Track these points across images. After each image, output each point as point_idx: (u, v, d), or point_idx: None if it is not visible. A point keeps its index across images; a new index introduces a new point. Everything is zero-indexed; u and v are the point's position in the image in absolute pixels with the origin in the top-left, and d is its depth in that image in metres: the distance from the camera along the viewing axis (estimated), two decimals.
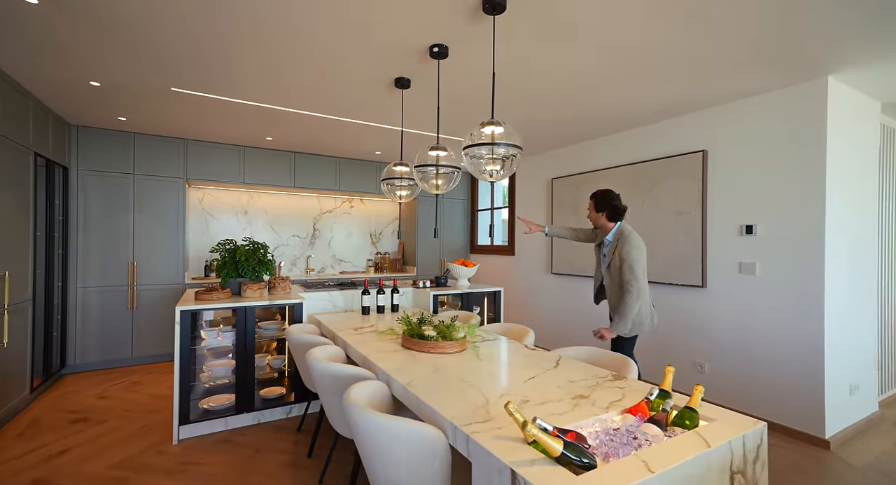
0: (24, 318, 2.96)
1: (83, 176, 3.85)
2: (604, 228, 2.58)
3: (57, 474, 2.17)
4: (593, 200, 2.59)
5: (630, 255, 2.35)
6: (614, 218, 2.52)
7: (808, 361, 2.61)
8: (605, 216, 2.53)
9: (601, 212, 2.54)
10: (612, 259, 2.48)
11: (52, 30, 2.13)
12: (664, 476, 0.96)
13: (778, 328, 2.76)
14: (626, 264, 2.35)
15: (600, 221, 2.57)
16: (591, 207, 2.60)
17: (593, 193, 2.61)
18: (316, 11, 1.94)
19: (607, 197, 2.53)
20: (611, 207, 2.50)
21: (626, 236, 2.41)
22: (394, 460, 1.24)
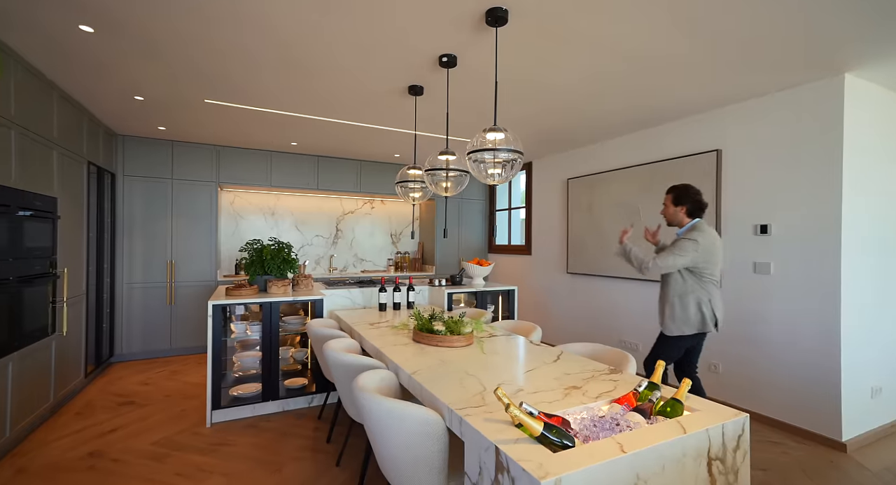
0: (79, 310, 3.28)
1: (128, 181, 4.20)
2: (679, 223, 2.40)
3: (109, 448, 2.43)
4: (672, 193, 2.41)
5: (681, 245, 2.23)
6: (695, 214, 2.36)
7: (823, 363, 2.57)
8: (684, 211, 2.36)
9: (681, 206, 2.37)
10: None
11: (104, 54, 2.39)
12: (636, 456, 1.05)
13: (793, 329, 2.72)
14: (667, 249, 2.27)
15: (678, 216, 2.39)
16: (668, 201, 2.43)
17: (672, 187, 2.43)
18: (337, 31, 2.10)
19: (690, 191, 2.36)
20: (693, 202, 2.34)
21: (695, 232, 2.26)
22: (395, 440, 1.37)
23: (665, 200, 2.46)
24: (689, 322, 2.28)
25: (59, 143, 2.92)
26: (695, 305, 2.28)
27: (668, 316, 2.35)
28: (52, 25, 2.09)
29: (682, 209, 2.38)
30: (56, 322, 2.86)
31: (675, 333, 2.31)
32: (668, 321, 2.34)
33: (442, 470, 1.36)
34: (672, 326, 2.32)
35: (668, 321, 2.34)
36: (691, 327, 2.28)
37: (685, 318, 2.29)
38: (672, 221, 2.45)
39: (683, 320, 2.29)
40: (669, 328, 2.33)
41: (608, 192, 4.13)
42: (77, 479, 2.13)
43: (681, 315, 2.30)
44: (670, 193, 2.43)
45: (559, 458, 1.01)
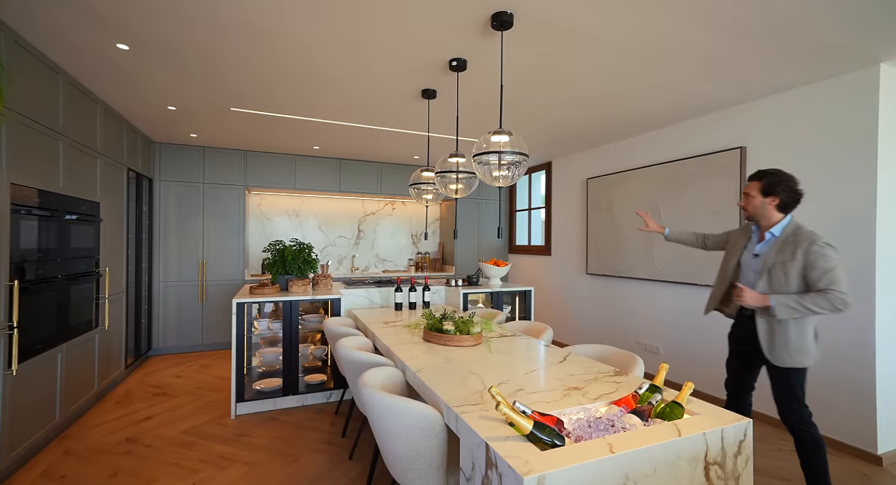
0: (120, 306, 3.54)
1: (164, 186, 4.47)
2: (767, 219, 1.92)
3: (143, 435, 2.62)
4: (762, 180, 1.90)
5: (828, 258, 1.74)
6: (787, 208, 1.89)
7: (857, 371, 2.43)
8: (776, 204, 1.88)
9: (773, 197, 1.88)
10: (784, 262, 1.83)
11: (139, 68, 2.57)
12: (625, 457, 1.05)
13: (824, 334, 2.59)
14: (820, 272, 1.74)
15: (766, 209, 1.91)
16: (754, 189, 1.93)
17: (761, 172, 1.93)
18: (351, 41, 2.19)
19: (785, 178, 1.87)
20: (791, 192, 1.87)
21: (814, 235, 1.79)
22: (396, 434, 1.42)
23: (748, 188, 1.96)
24: (807, 352, 1.83)
25: (101, 151, 3.15)
26: (812, 330, 1.85)
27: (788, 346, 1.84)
28: (93, 45, 2.27)
29: (773, 201, 1.88)
30: (99, 317, 3.10)
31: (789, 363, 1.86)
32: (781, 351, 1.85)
33: (441, 465, 1.40)
34: (787, 358, 1.84)
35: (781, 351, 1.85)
36: (809, 358, 1.83)
37: (802, 347, 1.83)
38: (756, 217, 1.96)
39: (800, 350, 1.83)
40: (783, 359, 1.85)
41: (628, 191, 4.05)
42: (115, 462, 2.30)
43: (797, 344, 1.83)
44: (759, 180, 1.92)
45: (546, 456, 1.03)
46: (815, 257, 1.77)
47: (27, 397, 2.23)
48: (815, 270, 1.76)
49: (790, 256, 1.83)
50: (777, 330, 1.87)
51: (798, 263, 1.81)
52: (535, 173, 5.78)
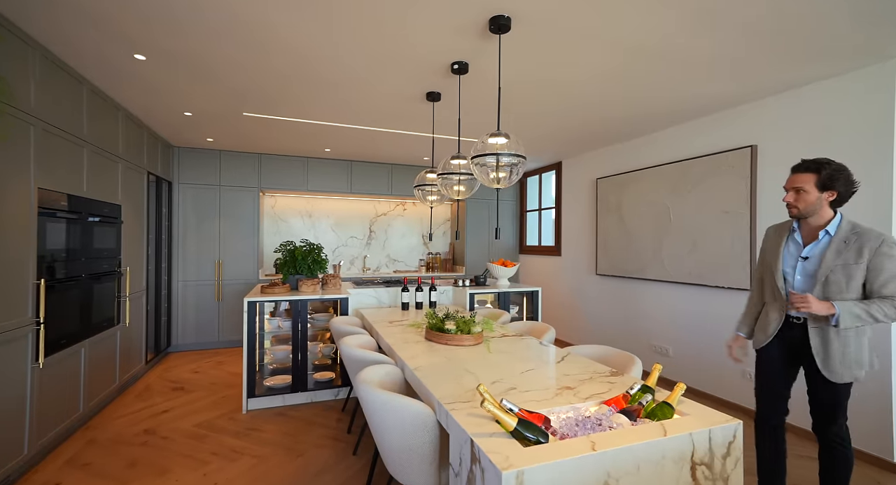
0: (140, 304, 3.70)
1: (182, 188, 4.65)
2: (819, 217, 1.70)
3: (160, 427, 2.74)
4: (819, 172, 1.65)
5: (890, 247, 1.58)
6: (842, 203, 1.70)
7: (873, 376, 2.35)
8: (830, 200, 1.67)
9: (831, 191, 1.66)
10: (846, 265, 1.63)
11: (156, 77, 2.70)
12: (605, 455, 1.07)
13: None
14: (888, 276, 1.58)
15: (821, 206, 1.68)
16: (808, 183, 1.67)
17: (813, 163, 1.67)
18: (355, 48, 2.25)
19: (844, 169, 1.65)
20: (847, 185, 1.65)
21: (881, 233, 1.61)
22: (391, 430, 1.46)
23: (799, 181, 1.69)
24: (864, 364, 1.67)
25: (123, 156, 3.31)
26: (868, 339, 1.68)
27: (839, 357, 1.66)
28: (112, 55, 2.40)
29: (831, 196, 1.66)
30: (120, 314, 3.25)
31: (847, 378, 1.67)
32: (837, 364, 1.66)
33: (433, 461, 1.44)
34: (844, 372, 1.66)
35: (837, 364, 1.66)
36: (865, 370, 1.67)
37: (859, 359, 1.66)
38: (807, 214, 1.71)
39: (857, 362, 1.66)
40: (839, 373, 1.66)
41: (637, 191, 4.00)
42: (133, 452, 2.42)
43: (855, 355, 1.65)
44: (815, 172, 1.65)
45: (528, 452, 1.06)
46: (883, 259, 1.58)
47: (53, 389, 2.37)
48: (882, 273, 1.58)
49: (854, 259, 1.61)
50: (834, 341, 1.66)
51: (863, 265, 1.61)
52: (546, 173, 5.76)
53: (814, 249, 1.72)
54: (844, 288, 1.63)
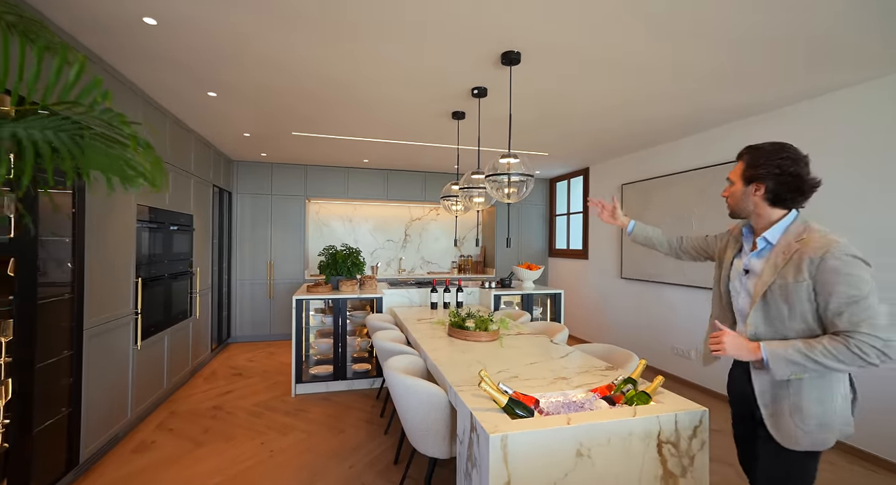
0: (207, 300, 4.27)
1: (240, 198, 5.24)
2: (759, 218, 1.33)
3: (225, 404, 3.23)
4: (744, 159, 1.33)
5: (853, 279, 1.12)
6: (784, 201, 1.28)
7: (891, 381, 2.38)
8: (762, 195, 1.29)
9: (755, 184, 1.29)
10: (785, 284, 1.21)
11: (223, 108, 3.19)
12: (579, 428, 1.31)
13: None
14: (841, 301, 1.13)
15: (748, 202, 1.32)
16: (735, 172, 1.35)
17: (745, 147, 1.34)
18: (388, 76, 2.59)
19: (777, 154, 1.25)
20: (781, 176, 1.24)
21: (831, 241, 1.16)
22: (411, 408, 1.77)
23: (733, 171, 1.37)
24: (832, 426, 1.20)
25: (194, 172, 3.87)
26: (843, 388, 1.23)
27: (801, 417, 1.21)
28: (190, 93, 2.89)
29: (757, 190, 1.29)
30: (192, 309, 3.81)
31: (805, 445, 1.21)
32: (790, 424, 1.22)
33: (446, 434, 1.74)
34: (800, 435, 1.21)
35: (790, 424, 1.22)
36: (834, 434, 1.21)
37: (825, 419, 1.20)
38: (739, 213, 1.38)
39: (821, 424, 1.20)
40: (794, 436, 1.22)
41: (662, 197, 4.08)
42: (205, 422, 2.91)
43: (817, 413, 1.20)
44: (740, 159, 1.35)
45: (513, 423, 1.32)
46: (831, 277, 1.14)
47: (146, 367, 2.90)
48: (832, 298, 1.14)
49: (793, 276, 1.19)
50: (785, 389, 1.24)
51: (805, 286, 1.18)
52: (574, 179, 5.88)
53: (754, 260, 1.34)
54: (787, 316, 1.22)
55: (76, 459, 2.15)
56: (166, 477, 2.23)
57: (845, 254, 1.14)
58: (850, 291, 1.12)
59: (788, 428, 1.23)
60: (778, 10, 1.81)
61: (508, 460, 1.25)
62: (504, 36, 2.05)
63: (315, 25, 1.98)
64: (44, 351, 1.94)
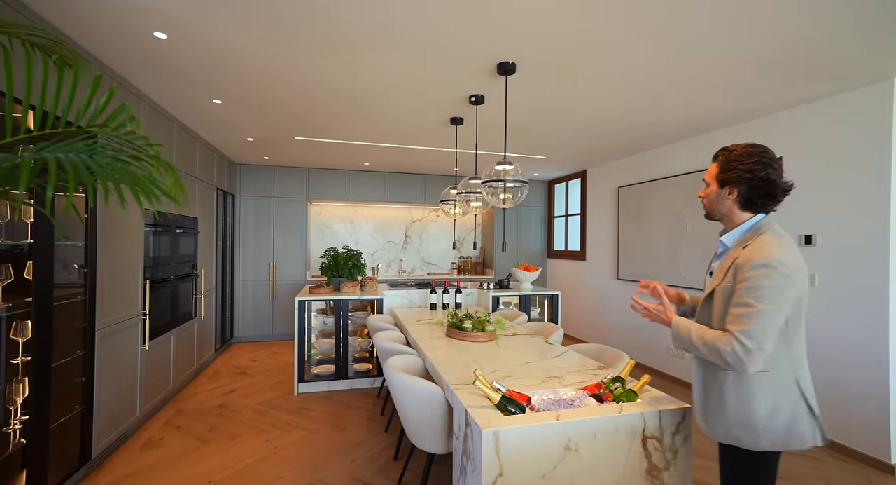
0: (211, 301, 4.36)
1: (243, 200, 5.33)
2: (729, 221, 1.36)
3: (229, 403, 3.32)
4: (718, 161, 1.35)
5: (755, 289, 1.17)
6: (755, 205, 1.30)
7: (871, 379, 2.46)
8: (734, 199, 1.31)
9: (728, 188, 1.31)
10: (724, 287, 1.27)
11: (228, 115, 3.27)
12: (567, 424, 1.39)
13: (839, 343, 2.62)
14: (736, 303, 1.21)
15: (722, 205, 1.35)
16: (710, 174, 1.37)
17: (721, 150, 1.35)
18: (394, 89, 2.68)
19: (749, 158, 1.26)
20: (752, 181, 1.26)
21: (762, 249, 1.20)
22: (410, 406, 1.85)
23: (708, 172, 1.38)
24: (754, 428, 1.21)
25: (199, 176, 3.96)
26: (768, 395, 1.21)
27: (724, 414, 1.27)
28: (195, 99, 2.98)
29: (731, 194, 1.31)
30: (197, 309, 3.89)
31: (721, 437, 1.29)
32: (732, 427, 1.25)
33: (443, 430, 1.82)
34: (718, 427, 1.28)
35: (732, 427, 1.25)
36: (767, 440, 1.21)
37: (745, 417, 1.23)
38: (713, 215, 1.40)
39: (741, 421, 1.23)
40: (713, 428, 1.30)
41: (656, 200, 4.16)
42: (211, 420, 2.99)
43: (736, 409, 1.24)
44: (716, 161, 1.36)
45: (505, 419, 1.40)
46: (741, 284, 1.21)
47: (153, 366, 2.98)
48: (733, 299, 1.22)
49: (729, 281, 1.25)
50: (713, 380, 1.30)
51: (730, 282, 1.25)
52: (572, 181, 5.96)
53: (716, 262, 1.39)
54: (721, 317, 1.27)
55: (88, 454, 2.24)
56: (174, 473, 2.31)
57: (764, 265, 1.18)
58: (747, 299, 1.19)
59: (714, 422, 1.30)
60: (762, 33, 1.89)
61: (501, 452, 1.33)
62: (499, 48, 2.13)
63: (312, 39, 2.06)
64: (59, 351, 2.03)
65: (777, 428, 1.21)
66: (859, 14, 1.78)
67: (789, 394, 1.22)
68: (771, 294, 1.16)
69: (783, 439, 1.21)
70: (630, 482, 1.45)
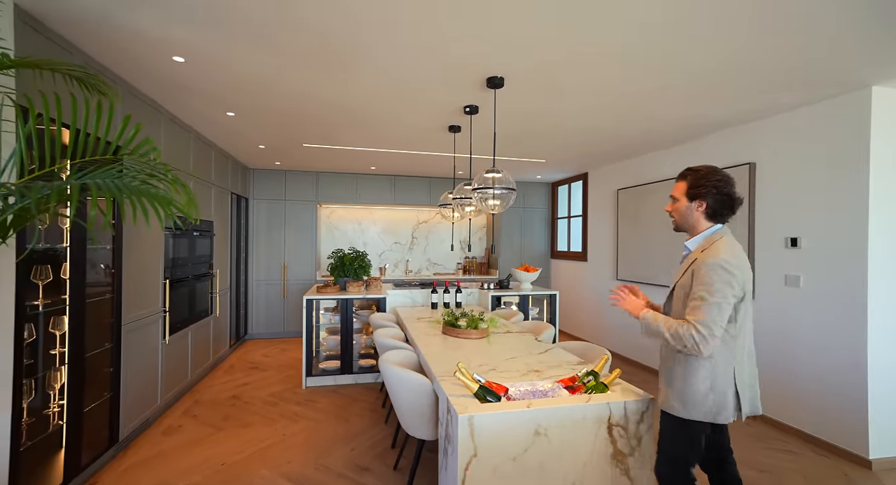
0: (226, 299, 4.61)
1: (256, 203, 5.59)
2: (695, 230, 1.57)
3: (243, 394, 3.55)
4: (687, 180, 1.56)
5: (708, 284, 1.40)
6: (718, 216, 1.53)
7: (850, 377, 2.54)
8: (703, 209, 1.53)
9: (698, 201, 1.53)
10: (681, 278, 1.54)
11: (241, 125, 3.50)
12: (537, 411, 1.54)
13: (822, 342, 2.70)
14: (693, 297, 1.44)
15: (691, 217, 1.56)
16: (679, 190, 1.58)
17: (686, 170, 1.58)
18: (397, 100, 2.86)
19: (714, 177, 1.50)
20: (718, 196, 1.49)
21: (716, 253, 1.43)
22: (402, 396, 2.02)
23: (675, 188, 1.60)
24: (697, 405, 1.47)
25: (214, 182, 4.20)
26: (705, 377, 1.46)
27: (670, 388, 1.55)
28: (210, 113, 3.21)
29: (699, 206, 1.53)
30: (213, 307, 4.14)
31: (680, 414, 1.51)
32: (671, 398, 1.53)
33: (431, 418, 1.98)
34: (675, 405, 1.52)
35: (671, 398, 1.53)
36: (700, 412, 1.47)
37: (684, 391, 1.49)
38: (683, 227, 1.61)
39: (680, 393, 1.50)
40: (672, 406, 1.53)
41: (653, 202, 4.25)
42: (225, 410, 3.22)
43: (680, 385, 1.51)
44: (683, 179, 1.58)
45: (482, 406, 1.56)
46: (696, 280, 1.45)
47: (173, 360, 3.23)
48: (691, 293, 1.46)
49: (688, 280, 1.50)
50: (669, 362, 1.57)
51: (688, 280, 1.50)
52: (574, 183, 6.06)
53: (681, 264, 1.61)
54: (680, 312, 1.52)
55: (116, 437, 2.48)
56: (192, 456, 2.53)
57: (715, 265, 1.42)
58: (701, 292, 1.43)
59: (662, 389, 1.59)
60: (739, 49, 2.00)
61: (475, 436, 1.49)
62: (488, 64, 2.29)
63: (315, 60, 2.25)
64: (90, 343, 2.27)
65: (708, 404, 1.47)
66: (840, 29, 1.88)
67: (724, 379, 1.47)
68: (720, 289, 1.41)
69: (711, 413, 1.47)
70: (596, 466, 1.59)
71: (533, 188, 6.56)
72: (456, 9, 1.77)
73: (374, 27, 1.93)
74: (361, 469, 2.40)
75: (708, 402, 1.47)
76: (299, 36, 2.01)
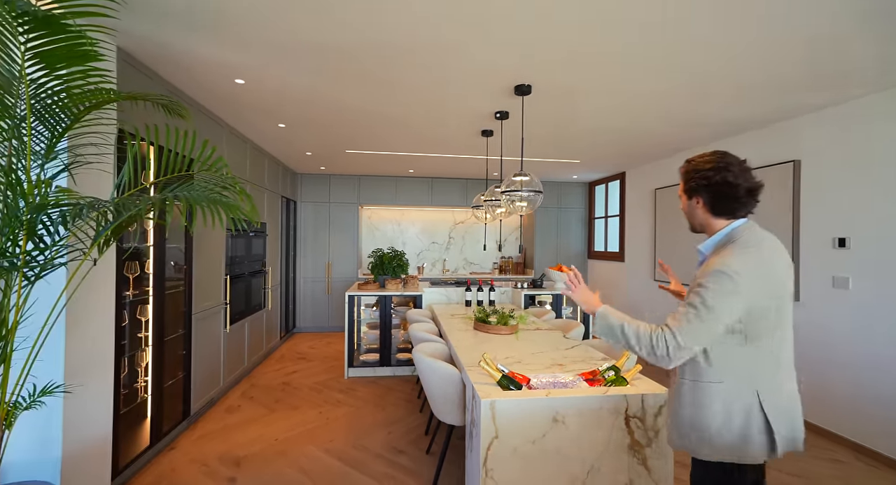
0: (277, 295, 5.03)
1: (304, 206, 6.01)
2: (709, 228, 1.33)
3: (292, 381, 3.89)
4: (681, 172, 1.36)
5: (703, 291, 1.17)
6: (724, 210, 1.27)
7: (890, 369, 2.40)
8: (703, 206, 1.30)
9: (696, 197, 1.31)
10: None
11: (291, 135, 3.85)
12: (555, 400, 1.65)
13: (873, 348, 2.56)
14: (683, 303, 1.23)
15: (696, 216, 1.34)
16: (680, 188, 1.39)
17: (685, 162, 1.36)
18: (418, 108, 3.05)
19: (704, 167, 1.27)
20: (713, 188, 1.25)
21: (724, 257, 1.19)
22: (433, 384, 2.19)
23: (679, 187, 1.40)
24: (709, 438, 1.19)
25: (267, 186, 4.61)
26: (724, 401, 1.18)
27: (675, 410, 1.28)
28: (264, 125, 3.56)
29: (699, 203, 1.31)
30: (265, 301, 4.54)
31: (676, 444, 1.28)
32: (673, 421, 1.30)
33: (459, 404, 2.14)
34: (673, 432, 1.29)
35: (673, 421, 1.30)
36: (714, 449, 1.19)
37: (697, 424, 1.21)
38: (695, 226, 1.39)
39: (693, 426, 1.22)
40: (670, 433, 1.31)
41: None
42: (277, 394, 3.56)
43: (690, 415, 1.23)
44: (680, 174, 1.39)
45: (503, 393, 1.70)
46: (692, 284, 1.23)
47: (232, 347, 3.61)
48: (685, 298, 1.24)
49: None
50: (676, 393, 1.29)
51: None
52: (612, 182, 5.98)
53: (698, 269, 1.32)
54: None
55: (188, 411, 2.85)
56: (250, 432, 2.86)
57: (717, 271, 1.17)
58: (692, 299, 1.20)
59: (671, 426, 1.30)
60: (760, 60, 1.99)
61: (497, 419, 1.63)
62: (515, 74, 2.41)
63: (358, 78, 2.47)
64: (168, 329, 2.63)
65: (726, 439, 1.16)
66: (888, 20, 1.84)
67: (742, 405, 1.17)
68: (715, 300, 1.15)
69: (733, 451, 1.16)
70: (613, 454, 1.68)
71: (569, 188, 6.53)
72: (488, 30, 1.92)
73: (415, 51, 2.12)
74: (397, 451, 2.60)
75: (724, 437, 1.16)
76: (344, 57, 2.24)
